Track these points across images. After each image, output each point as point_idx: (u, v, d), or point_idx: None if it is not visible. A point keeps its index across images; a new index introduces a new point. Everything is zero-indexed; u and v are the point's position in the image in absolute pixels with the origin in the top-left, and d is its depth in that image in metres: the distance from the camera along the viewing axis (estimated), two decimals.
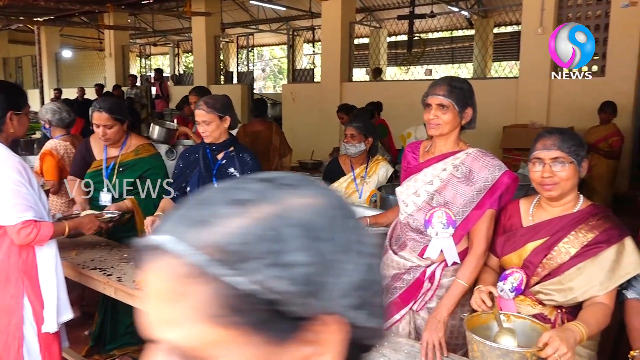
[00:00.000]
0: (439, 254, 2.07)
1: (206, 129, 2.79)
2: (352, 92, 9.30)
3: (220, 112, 2.79)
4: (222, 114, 2.80)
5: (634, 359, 1.67)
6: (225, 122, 2.82)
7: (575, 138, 1.86)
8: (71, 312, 2.42)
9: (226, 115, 2.81)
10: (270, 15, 16.23)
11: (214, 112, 2.77)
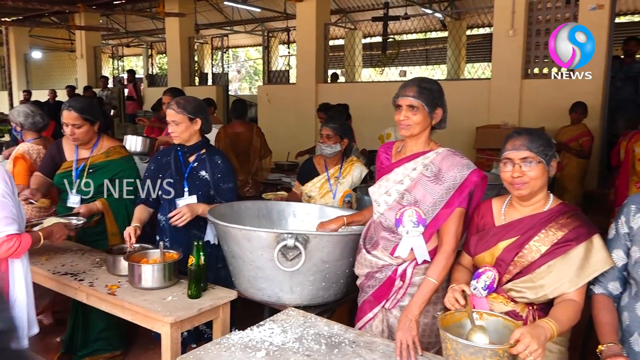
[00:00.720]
0: (409, 253, 2.10)
1: (175, 129, 2.78)
2: (327, 93, 9.30)
3: (190, 113, 2.78)
4: (193, 116, 2.79)
5: (602, 353, 1.70)
6: (195, 125, 2.80)
7: (543, 138, 1.89)
8: (37, 327, 2.36)
9: (197, 118, 2.80)
10: (245, 17, 16.15)
11: (184, 113, 2.76)
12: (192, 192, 2.84)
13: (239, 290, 2.52)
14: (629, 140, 4.81)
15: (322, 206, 3.06)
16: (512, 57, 7.26)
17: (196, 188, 2.85)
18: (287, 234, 2.24)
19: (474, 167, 2.07)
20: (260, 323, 2.11)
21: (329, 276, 2.38)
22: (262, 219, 2.91)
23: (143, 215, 2.90)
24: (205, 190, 2.85)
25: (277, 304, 2.44)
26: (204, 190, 2.84)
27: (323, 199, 3.34)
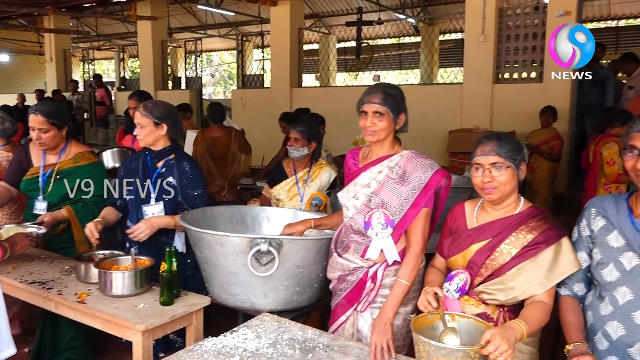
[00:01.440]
0: (379, 254, 2.13)
1: (139, 133, 2.76)
2: (301, 97, 9.33)
3: (156, 118, 2.74)
4: (159, 121, 2.75)
5: (570, 352, 1.74)
6: (161, 129, 2.77)
7: (512, 143, 1.92)
8: (13, 347, 2.21)
9: (163, 123, 2.76)
10: (219, 20, 16.08)
11: (149, 117, 2.74)
12: (159, 199, 2.80)
13: (212, 296, 2.50)
14: (596, 144, 4.93)
15: (296, 211, 3.06)
16: (483, 63, 7.40)
17: (162, 194, 2.80)
18: (261, 239, 2.23)
19: (438, 167, 2.12)
20: (234, 329, 2.10)
21: (303, 280, 2.38)
22: (236, 224, 2.90)
23: (109, 214, 2.86)
24: (172, 196, 2.80)
25: (251, 310, 2.42)
26: (170, 197, 2.80)
27: (291, 201, 3.36)
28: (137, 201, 2.82)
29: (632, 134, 1.69)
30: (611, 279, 1.77)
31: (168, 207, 2.78)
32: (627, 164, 1.70)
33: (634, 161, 1.67)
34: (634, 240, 1.72)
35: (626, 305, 1.73)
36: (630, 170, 1.70)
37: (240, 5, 13.00)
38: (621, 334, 1.74)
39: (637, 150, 1.66)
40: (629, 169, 1.70)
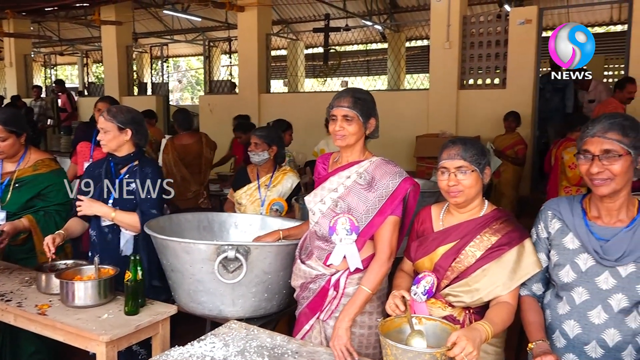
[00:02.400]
0: (341, 261, 2.11)
1: (103, 137, 2.72)
2: (270, 103, 9.31)
3: (120, 123, 2.70)
4: (123, 126, 2.71)
5: (532, 350, 1.77)
6: (124, 135, 2.72)
7: (477, 147, 1.96)
8: None
9: (127, 128, 2.72)
10: (186, 26, 15.93)
11: (113, 122, 2.69)
12: (117, 205, 2.74)
13: (178, 304, 2.46)
14: (557, 148, 5.08)
15: (264, 217, 3.05)
16: (449, 69, 7.53)
17: (123, 201, 2.74)
18: (228, 246, 2.21)
19: (406, 175, 2.12)
20: (201, 337, 2.06)
21: (271, 287, 2.36)
22: (203, 231, 2.86)
23: (73, 226, 2.78)
24: (133, 203, 2.75)
25: (218, 317, 2.39)
26: (132, 204, 2.74)
27: (252, 206, 3.35)
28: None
29: (585, 139, 1.73)
30: (568, 279, 1.82)
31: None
32: (581, 168, 1.75)
33: (588, 165, 1.71)
34: (588, 242, 1.78)
35: (582, 304, 1.79)
36: (584, 174, 1.74)
37: (207, 10, 12.91)
38: (577, 333, 1.80)
39: (590, 155, 1.70)
40: (583, 173, 1.75)
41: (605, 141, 1.67)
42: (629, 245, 1.72)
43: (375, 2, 12.90)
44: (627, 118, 1.71)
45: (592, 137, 1.70)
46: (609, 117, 1.71)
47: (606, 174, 1.68)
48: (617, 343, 1.74)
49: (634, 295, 1.71)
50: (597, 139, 1.68)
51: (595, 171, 1.68)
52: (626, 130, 1.66)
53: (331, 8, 12.42)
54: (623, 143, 1.66)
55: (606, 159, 1.67)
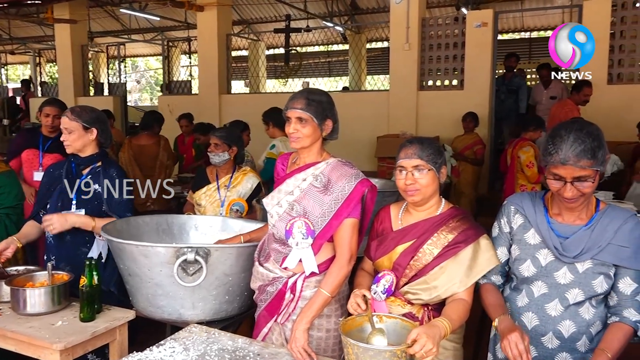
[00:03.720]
0: (297, 264, 2.10)
1: (67, 138, 2.66)
2: (230, 104, 9.22)
3: (86, 122, 2.66)
4: (88, 125, 2.66)
5: (497, 328, 1.81)
6: (90, 135, 2.68)
7: (433, 147, 1.99)
8: None
9: (92, 128, 2.68)
10: (144, 25, 15.61)
11: (78, 121, 2.64)
12: (80, 206, 2.68)
13: (137, 309, 2.40)
14: (513, 148, 5.22)
15: (225, 218, 3.01)
16: (408, 70, 7.64)
17: (85, 202, 2.69)
18: (187, 248, 2.17)
19: (362, 177, 2.10)
20: (160, 342, 2.02)
21: (232, 289, 2.34)
22: (162, 233, 2.81)
23: (30, 230, 2.70)
24: (95, 204, 2.69)
25: (178, 322, 2.35)
26: (93, 205, 2.69)
27: (212, 207, 3.32)
28: (56, 209, 2.69)
29: (556, 163, 1.71)
30: (528, 274, 1.87)
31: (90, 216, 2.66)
32: (551, 186, 1.77)
33: (560, 186, 1.73)
34: (548, 238, 1.84)
35: (540, 297, 1.85)
36: (554, 192, 1.78)
37: (165, 10, 12.68)
38: (535, 324, 1.86)
39: (562, 180, 1.72)
40: (553, 190, 1.78)
41: (577, 170, 1.67)
42: (587, 243, 1.78)
43: (336, 4, 12.97)
44: (594, 137, 1.69)
45: (564, 164, 1.68)
46: (579, 141, 1.67)
47: (577, 194, 1.72)
48: (572, 334, 1.81)
49: (589, 290, 1.78)
50: (570, 167, 1.68)
51: (569, 196, 1.72)
52: (595, 152, 1.67)
53: (292, 9, 12.41)
54: (594, 166, 1.68)
55: (579, 182, 1.70)
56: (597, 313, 1.82)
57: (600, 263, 1.78)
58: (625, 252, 1.76)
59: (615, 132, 6.04)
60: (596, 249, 1.77)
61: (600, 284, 1.78)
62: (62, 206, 2.69)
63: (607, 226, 1.79)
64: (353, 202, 2.05)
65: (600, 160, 1.69)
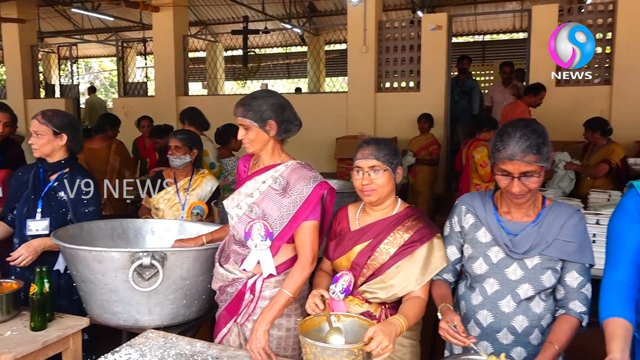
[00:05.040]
0: (255, 266, 2.11)
1: (35, 142, 2.60)
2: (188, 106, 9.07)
3: (56, 127, 2.62)
4: (59, 130, 2.62)
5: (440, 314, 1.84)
6: (60, 140, 2.64)
7: (389, 147, 2.03)
8: None
9: (63, 133, 2.64)
10: (97, 25, 15.20)
11: (48, 125, 2.60)
12: (45, 214, 2.62)
13: (91, 316, 2.35)
14: (468, 148, 5.35)
15: (182, 222, 2.98)
16: (366, 72, 7.72)
17: (51, 210, 2.63)
18: (143, 252, 2.14)
19: (321, 180, 2.12)
20: (116, 349, 1.98)
21: (190, 293, 2.31)
22: (118, 238, 2.75)
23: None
24: (61, 213, 2.64)
25: (135, 327, 2.30)
26: (59, 213, 2.63)
27: (171, 210, 3.27)
28: (21, 215, 2.63)
29: (503, 159, 1.77)
30: (481, 271, 1.93)
31: (55, 225, 2.60)
32: (500, 183, 1.83)
33: (507, 182, 1.79)
34: (499, 236, 1.89)
35: (494, 295, 1.90)
36: (503, 188, 1.84)
37: (120, 10, 12.38)
38: (490, 321, 1.91)
39: (510, 176, 1.78)
40: (502, 187, 1.84)
41: (523, 165, 1.74)
42: (535, 239, 1.85)
43: (294, 6, 12.98)
44: (539, 134, 1.76)
45: (511, 160, 1.74)
46: (524, 138, 1.74)
47: (524, 190, 1.78)
48: (525, 328, 1.87)
49: (538, 285, 1.85)
50: (517, 162, 1.74)
51: (516, 191, 1.78)
52: (540, 148, 1.75)
53: (250, 10, 12.35)
54: (539, 161, 1.75)
55: (525, 177, 1.77)
56: (547, 306, 1.89)
57: (548, 258, 1.84)
58: (571, 246, 1.84)
59: (563, 132, 6.30)
60: (543, 245, 1.84)
61: (549, 278, 1.85)
62: (27, 212, 2.63)
63: (553, 222, 1.86)
64: (311, 205, 2.07)
65: (545, 156, 1.77)
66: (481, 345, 1.90)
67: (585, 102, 6.69)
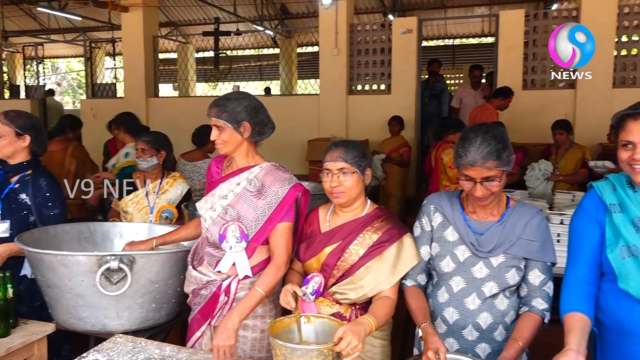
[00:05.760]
0: (230, 268, 2.10)
1: None
2: (159, 107, 8.99)
3: (19, 128, 2.58)
4: (22, 131, 2.58)
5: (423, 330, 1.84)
6: (22, 141, 2.60)
7: (357, 149, 2.05)
8: None
9: (26, 134, 2.59)
10: (64, 25, 14.88)
11: (10, 126, 2.56)
12: (6, 217, 2.57)
13: (57, 322, 2.30)
14: (437, 150, 5.43)
15: (151, 225, 2.94)
16: (338, 75, 7.76)
17: (12, 212, 2.57)
18: (110, 256, 2.11)
19: (295, 182, 2.14)
20: (83, 355, 1.95)
21: (159, 297, 2.29)
22: (85, 242, 2.71)
23: None
24: (22, 215, 2.58)
25: (102, 332, 2.26)
26: (20, 216, 2.58)
27: (140, 214, 3.23)
28: None
29: (465, 165, 1.82)
30: (448, 269, 1.96)
31: (17, 227, 2.54)
32: (464, 186, 1.88)
33: (471, 186, 1.84)
34: (465, 235, 1.94)
35: (459, 292, 1.94)
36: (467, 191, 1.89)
37: (88, 9, 12.14)
38: (456, 318, 1.95)
39: (472, 180, 1.83)
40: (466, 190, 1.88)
41: (484, 170, 1.79)
42: (499, 238, 1.90)
43: (266, 8, 12.95)
44: (499, 139, 1.81)
45: (473, 166, 1.79)
46: (485, 144, 1.78)
47: (487, 193, 1.83)
48: (489, 325, 1.92)
49: (502, 283, 1.89)
50: (478, 168, 1.79)
51: (479, 195, 1.83)
52: (500, 154, 1.80)
53: (221, 12, 12.28)
54: (500, 166, 1.80)
55: (487, 182, 1.81)
56: (511, 303, 1.94)
57: (512, 257, 1.89)
58: (534, 245, 1.89)
59: (530, 134, 6.46)
60: (508, 244, 1.89)
61: (513, 276, 1.89)
62: None
63: (517, 222, 1.91)
64: (286, 206, 2.08)
65: (505, 160, 1.82)
66: (447, 342, 1.93)
67: (551, 106, 6.86)
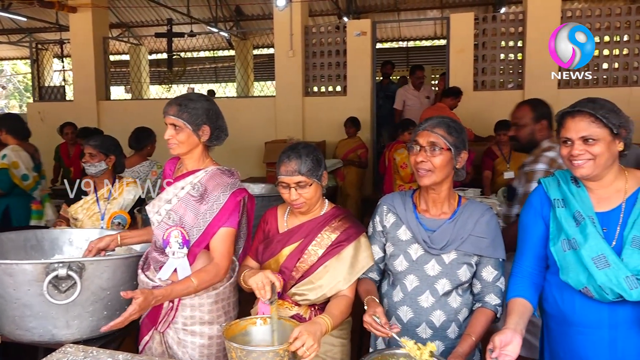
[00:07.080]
0: (171, 274, 2.07)
1: None
2: (111, 110, 8.76)
3: None
4: None
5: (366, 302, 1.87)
6: None
7: (312, 158, 1.98)
8: None
9: None
10: (9, 26, 14.30)
11: None
12: None
13: (2, 334, 2.21)
14: (390, 151, 5.52)
15: (102, 230, 2.87)
16: (293, 76, 7.76)
17: None
18: (58, 264, 2.04)
19: (238, 187, 2.11)
20: None
21: (111, 304, 2.23)
22: (31, 250, 2.62)
23: None
24: None
25: (51, 343, 2.18)
26: None
27: (90, 220, 3.14)
28: None
29: (417, 132, 1.96)
30: (401, 268, 1.99)
31: None
32: (411, 159, 1.96)
33: (415, 155, 1.92)
34: (418, 233, 1.97)
35: (413, 291, 1.97)
36: (412, 165, 1.95)
37: (34, 10, 11.69)
38: (410, 317, 1.97)
39: (418, 146, 1.92)
40: (412, 163, 1.95)
41: (432, 135, 1.89)
42: (451, 235, 1.94)
43: (221, 9, 12.82)
44: (454, 122, 1.96)
45: (422, 130, 1.92)
46: (439, 117, 1.97)
47: (428, 165, 1.88)
48: (442, 323, 1.95)
49: (455, 280, 1.93)
50: (426, 132, 1.91)
51: (419, 160, 1.89)
52: (451, 130, 1.90)
53: (175, 13, 12.07)
54: (446, 139, 1.89)
55: (431, 151, 1.89)
56: (463, 301, 1.98)
57: (463, 253, 1.94)
58: (484, 242, 1.94)
59: (480, 133, 6.64)
60: (459, 241, 1.94)
61: (464, 273, 1.93)
62: None
63: (468, 219, 1.96)
64: (228, 212, 2.06)
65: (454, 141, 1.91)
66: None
67: (500, 106, 7.07)
